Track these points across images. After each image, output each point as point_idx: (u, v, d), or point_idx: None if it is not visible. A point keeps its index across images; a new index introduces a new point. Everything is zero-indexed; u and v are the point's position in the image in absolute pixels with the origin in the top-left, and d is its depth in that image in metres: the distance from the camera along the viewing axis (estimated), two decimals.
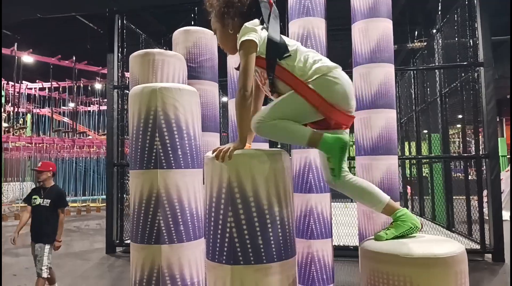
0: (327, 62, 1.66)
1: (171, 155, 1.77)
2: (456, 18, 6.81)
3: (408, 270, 1.27)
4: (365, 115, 3.19)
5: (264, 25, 1.70)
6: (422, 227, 1.67)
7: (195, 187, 1.84)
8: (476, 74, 6.15)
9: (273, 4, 1.81)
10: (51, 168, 3.76)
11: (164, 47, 8.64)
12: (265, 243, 1.34)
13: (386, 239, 1.58)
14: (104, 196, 11.78)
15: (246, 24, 1.67)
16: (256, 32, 1.63)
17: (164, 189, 1.75)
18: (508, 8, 7.51)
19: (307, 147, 1.68)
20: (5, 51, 10.39)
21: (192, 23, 6.82)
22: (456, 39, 6.84)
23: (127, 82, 7.58)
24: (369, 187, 1.75)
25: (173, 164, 1.78)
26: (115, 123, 6.95)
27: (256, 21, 1.70)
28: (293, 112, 1.57)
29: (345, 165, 1.72)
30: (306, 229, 3.19)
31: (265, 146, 3.07)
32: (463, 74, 6.63)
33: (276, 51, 1.63)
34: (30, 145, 11.20)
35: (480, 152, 6.08)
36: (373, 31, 3.16)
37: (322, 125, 1.64)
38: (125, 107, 7.13)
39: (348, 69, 3.42)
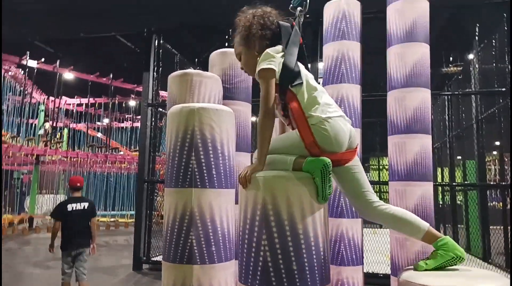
0: (321, 110, 1.67)
1: (205, 174, 1.79)
2: (494, 44, 6.67)
3: None
4: (400, 139, 3.13)
5: (283, 51, 1.76)
6: (465, 257, 1.60)
7: (228, 208, 1.84)
8: None
9: (295, 25, 1.86)
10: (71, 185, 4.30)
11: (198, 67, 8.85)
12: (299, 268, 1.32)
13: (426, 270, 1.52)
14: (133, 212, 11.98)
15: (268, 50, 1.73)
16: (275, 59, 1.69)
17: (198, 208, 1.76)
18: None
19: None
20: (47, 67, 10.91)
21: (226, 44, 6.96)
22: (494, 64, 6.67)
23: (161, 100, 7.80)
24: (405, 215, 1.72)
25: (207, 184, 1.79)
26: (147, 140, 7.09)
27: (279, 47, 1.77)
28: (288, 148, 1.63)
29: (373, 196, 1.71)
30: (337, 255, 3.11)
31: None
32: (501, 100, 6.44)
33: (288, 77, 1.69)
34: (65, 159, 11.57)
35: None
36: (409, 55, 3.13)
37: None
38: (158, 125, 7.29)
39: (381, 92, 3.42)
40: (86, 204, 4.15)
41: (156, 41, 7.42)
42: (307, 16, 6.14)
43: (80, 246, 3.95)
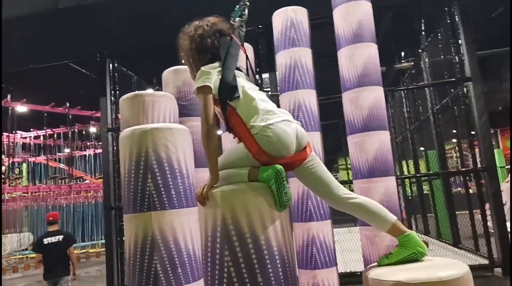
0: (261, 119, 1.69)
1: (164, 196, 1.75)
2: (440, 36, 6.97)
3: None
4: (359, 138, 3.18)
5: (220, 66, 1.78)
6: (427, 254, 1.63)
7: (191, 227, 1.80)
8: (465, 89, 6.22)
9: (234, 37, 1.88)
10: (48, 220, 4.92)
11: (157, 87, 8.74)
12: (265, 280, 1.30)
13: (388, 264, 1.54)
14: (104, 241, 11.59)
15: (203, 68, 1.77)
16: (210, 76, 1.72)
17: (159, 231, 1.71)
18: (489, 24, 7.72)
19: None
20: None
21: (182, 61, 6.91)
22: (442, 56, 6.97)
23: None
24: (373, 207, 1.74)
25: (166, 205, 1.75)
26: (110, 165, 6.91)
27: (216, 63, 1.79)
28: (239, 161, 1.64)
29: (339, 189, 1.74)
30: (310, 259, 3.12)
31: None
32: (452, 90, 6.71)
33: (226, 92, 1.71)
34: (26, 195, 11.09)
35: (478, 166, 6.06)
36: (358, 56, 3.20)
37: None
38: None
39: (338, 94, 3.50)
40: (61, 236, 4.74)
41: (111, 65, 7.30)
42: (260, 26, 6.18)
43: (58, 275, 4.52)
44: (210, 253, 1.37)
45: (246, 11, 1.99)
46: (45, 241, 4.64)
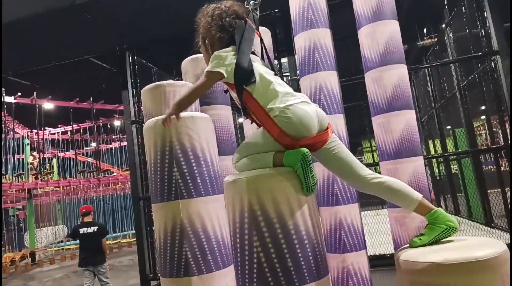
0: (280, 101, 1.67)
1: (190, 184, 1.76)
2: (464, 10, 6.71)
3: (449, 279, 1.19)
4: (384, 119, 3.12)
5: (235, 50, 1.76)
6: (459, 228, 1.58)
7: (219, 214, 1.81)
8: (493, 63, 5.99)
9: (248, 21, 1.85)
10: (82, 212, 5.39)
11: (177, 78, 8.79)
12: (295, 265, 1.30)
13: (421, 245, 1.51)
14: (134, 231, 11.88)
15: (217, 52, 1.75)
16: (224, 62, 1.72)
17: (188, 219, 1.73)
18: None
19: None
20: (25, 100, 10.76)
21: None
22: (467, 31, 6.72)
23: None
24: (398, 185, 1.70)
25: (193, 193, 1.76)
26: (136, 157, 7.02)
27: (229, 48, 1.77)
28: (262, 146, 1.62)
29: (363, 170, 1.72)
30: (339, 243, 3.09)
31: None
32: (479, 65, 6.48)
33: (242, 77, 1.69)
34: (58, 189, 11.44)
35: (509, 142, 5.85)
36: (380, 34, 3.12)
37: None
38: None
39: (361, 74, 3.43)
40: (95, 227, 5.18)
41: (130, 58, 7.36)
42: (276, 10, 6.09)
43: (96, 263, 4.90)
44: (239, 239, 1.37)
45: None
46: (81, 230, 5.06)
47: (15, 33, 6.73)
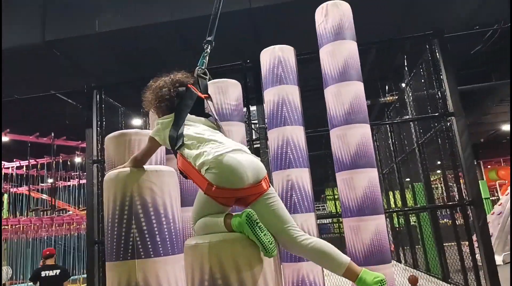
0: (208, 153, 1.73)
1: (149, 243, 1.68)
2: (422, 73, 7.14)
3: None
4: (348, 175, 3.17)
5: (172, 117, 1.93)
6: (385, 280, 1.59)
7: (177, 276, 1.73)
8: (448, 123, 6.33)
9: (190, 87, 2.05)
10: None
11: (144, 118, 8.70)
12: None
13: None
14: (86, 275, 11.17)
15: (158, 120, 1.95)
16: (160, 130, 1.91)
17: (143, 281, 1.63)
18: (469, 60, 7.96)
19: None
20: None
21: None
22: (425, 91, 7.12)
23: None
24: (327, 249, 1.67)
25: (151, 252, 1.68)
26: (95, 198, 6.73)
27: (169, 116, 1.94)
28: (204, 207, 1.67)
29: (296, 231, 1.71)
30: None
31: None
32: (436, 124, 6.82)
33: (173, 143, 1.83)
34: (6, 227, 10.71)
35: (465, 199, 6.08)
36: (345, 94, 3.24)
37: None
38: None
39: (326, 126, 3.52)
40: (58, 271, 5.22)
41: (98, 96, 7.25)
42: (247, 61, 6.21)
43: None
44: None
45: (207, 59, 2.19)
46: (43, 273, 5.03)
47: None
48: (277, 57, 3.44)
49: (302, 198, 3.17)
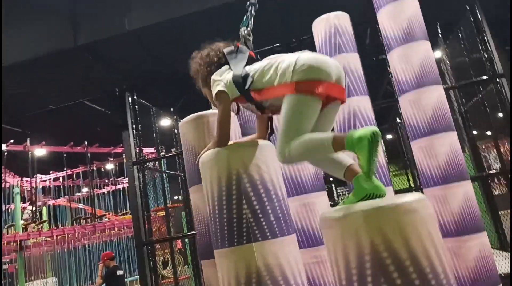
0: (284, 65, 1.61)
1: (264, 223, 1.50)
2: (461, 36, 6.77)
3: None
4: (426, 143, 2.93)
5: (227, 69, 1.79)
6: (385, 192, 1.37)
7: (297, 258, 1.54)
8: (498, 86, 5.97)
9: (239, 45, 1.88)
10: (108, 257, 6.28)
11: (175, 116, 8.60)
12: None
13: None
14: (130, 278, 11.28)
15: (212, 77, 1.78)
16: (220, 79, 1.73)
17: (265, 266, 1.45)
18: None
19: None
20: (18, 147, 10.38)
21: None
22: (466, 57, 6.75)
23: (145, 157, 7.45)
24: (316, 134, 1.55)
25: (268, 234, 1.50)
26: (138, 200, 6.69)
27: (223, 68, 1.81)
28: (301, 115, 1.54)
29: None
30: None
31: None
32: (481, 88, 6.46)
33: (242, 84, 1.67)
34: (50, 239, 10.85)
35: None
36: (414, 55, 2.99)
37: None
38: (146, 182, 6.94)
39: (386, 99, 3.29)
40: (121, 271, 6.19)
41: (130, 98, 7.17)
42: (304, 37, 5.93)
43: None
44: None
45: (252, 20, 2.01)
46: (118, 272, 5.90)
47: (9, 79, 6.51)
48: (333, 25, 3.20)
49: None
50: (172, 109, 8.95)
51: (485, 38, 6.15)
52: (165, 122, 10.06)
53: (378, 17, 3.22)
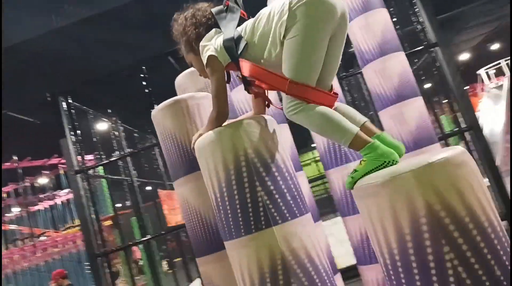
0: (276, 9, 1.44)
1: (281, 204, 1.35)
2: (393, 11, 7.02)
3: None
4: (396, 110, 2.94)
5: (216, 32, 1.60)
6: (398, 160, 1.30)
7: (319, 238, 1.42)
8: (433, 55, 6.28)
9: (229, 4, 1.65)
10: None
11: (114, 118, 8.10)
12: (505, 274, 0.97)
13: (355, 182, 1.28)
14: None
15: (201, 43, 1.59)
16: (209, 44, 1.55)
17: (289, 250, 1.31)
18: None
19: (347, 147, 1.37)
20: None
21: (144, 83, 6.37)
22: (398, 29, 7.02)
23: (87, 164, 6.93)
24: (335, 114, 1.38)
25: (288, 215, 1.35)
26: (86, 210, 6.21)
27: (211, 31, 1.61)
28: (310, 48, 1.36)
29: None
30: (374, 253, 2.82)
31: None
32: (415, 60, 6.76)
33: (234, 48, 1.49)
34: None
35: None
36: (375, 24, 2.97)
37: None
38: (93, 190, 6.47)
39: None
40: None
41: (64, 103, 6.58)
42: None
43: None
44: (415, 255, 1.01)
45: None
46: None
47: None
48: None
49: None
50: (109, 110, 8.41)
51: (415, 10, 6.47)
52: (102, 125, 9.46)
53: None
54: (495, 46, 15.29)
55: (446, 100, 6.28)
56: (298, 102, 1.35)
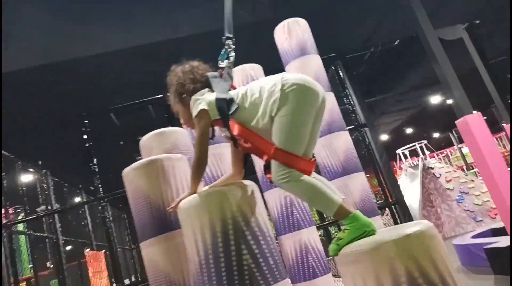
0: (268, 86, 1.64)
1: (265, 268, 1.41)
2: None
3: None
4: (341, 183, 3.20)
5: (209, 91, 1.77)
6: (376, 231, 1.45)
7: None
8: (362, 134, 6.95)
9: (224, 74, 1.85)
10: None
11: (44, 170, 7.60)
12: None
13: (340, 250, 1.41)
14: None
15: (193, 97, 1.73)
16: (201, 99, 1.70)
17: None
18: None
19: (333, 218, 1.57)
20: None
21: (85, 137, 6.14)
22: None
23: (11, 217, 6.34)
24: (323, 186, 1.54)
25: (270, 279, 1.41)
26: (4, 270, 5.60)
27: (204, 90, 1.77)
28: (300, 129, 1.56)
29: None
30: (307, 269, 2.97)
31: None
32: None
33: (225, 107, 1.65)
34: None
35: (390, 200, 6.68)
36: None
37: None
38: (15, 248, 5.88)
39: None
40: None
41: None
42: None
43: None
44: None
45: (233, 53, 1.94)
46: None
47: None
48: (249, 75, 3.38)
49: (303, 214, 3.09)
50: (40, 162, 7.88)
51: (348, 92, 7.21)
52: (27, 177, 8.79)
53: (287, 69, 3.50)
54: (409, 130, 17.23)
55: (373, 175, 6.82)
56: (287, 171, 1.48)
